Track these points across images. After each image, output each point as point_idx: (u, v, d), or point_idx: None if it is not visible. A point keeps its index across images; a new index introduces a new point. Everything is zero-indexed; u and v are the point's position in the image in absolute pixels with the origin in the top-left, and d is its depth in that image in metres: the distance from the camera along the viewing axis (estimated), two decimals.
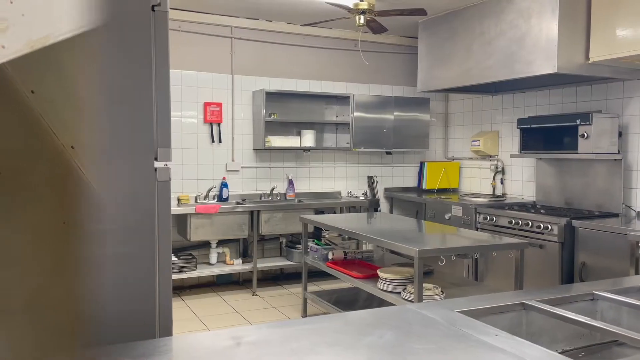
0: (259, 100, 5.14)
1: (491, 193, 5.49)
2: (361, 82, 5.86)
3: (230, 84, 5.24)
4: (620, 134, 4.13)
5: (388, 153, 5.96)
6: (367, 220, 4.07)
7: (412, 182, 6.20)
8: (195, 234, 4.67)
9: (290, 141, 5.36)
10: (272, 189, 5.38)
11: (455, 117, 6.16)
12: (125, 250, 1.51)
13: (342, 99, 5.59)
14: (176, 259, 4.72)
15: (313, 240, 4.29)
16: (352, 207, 5.54)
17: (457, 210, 4.87)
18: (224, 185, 5.12)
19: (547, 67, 3.82)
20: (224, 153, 5.24)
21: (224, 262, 5.05)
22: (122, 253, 1.51)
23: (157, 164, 1.52)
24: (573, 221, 3.82)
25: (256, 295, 4.95)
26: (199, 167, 5.13)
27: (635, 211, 4.08)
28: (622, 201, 4.12)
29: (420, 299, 2.82)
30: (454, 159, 6.15)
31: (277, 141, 5.25)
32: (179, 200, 4.90)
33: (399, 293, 3.08)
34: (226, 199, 5.11)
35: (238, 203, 5.06)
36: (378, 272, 3.26)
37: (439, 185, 5.95)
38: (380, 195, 6.02)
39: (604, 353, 1.78)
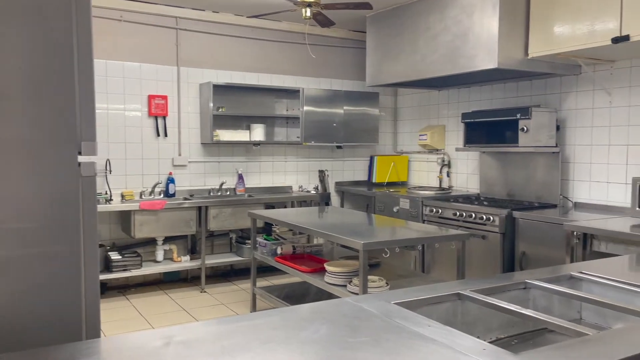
0: (206, 93, 5.04)
1: (438, 186, 5.61)
2: (311, 76, 5.84)
3: (175, 76, 5.11)
4: (558, 128, 4.29)
5: (339, 147, 5.99)
6: (317, 214, 4.07)
7: (362, 176, 6.25)
8: (140, 231, 4.54)
9: (240, 135, 5.28)
10: (222, 184, 5.29)
11: (404, 111, 6.24)
12: (48, 250, 1.44)
13: (292, 93, 5.56)
14: (120, 257, 4.57)
15: (262, 236, 4.25)
16: (303, 202, 5.52)
17: (404, 203, 4.94)
18: (171, 180, 5.00)
19: (488, 62, 3.91)
20: (170, 147, 5.11)
21: (171, 259, 4.94)
22: (44, 252, 1.44)
23: (81, 159, 1.45)
24: (513, 212, 3.95)
25: (205, 292, 4.87)
26: (143, 162, 4.98)
27: (572, 202, 4.26)
28: (560, 192, 4.29)
29: (365, 291, 2.84)
30: (403, 153, 6.24)
31: (225, 135, 5.17)
32: (122, 196, 4.75)
33: (345, 286, 3.10)
34: (173, 195, 4.99)
35: (185, 199, 4.95)
36: (325, 265, 3.27)
37: (388, 179, 6.03)
38: (332, 189, 6.04)
39: (536, 340, 1.84)
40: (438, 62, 4.41)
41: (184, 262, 4.92)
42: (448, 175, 5.55)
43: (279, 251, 3.91)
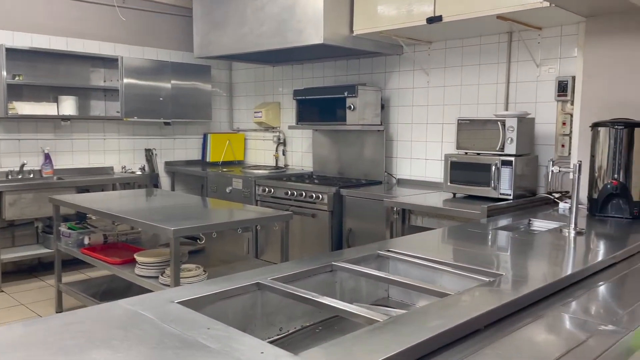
0: None
1: (274, 165, 5.48)
2: (134, 44, 5.26)
3: None
4: (383, 107, 4.39)
5: (167, 124, 5.52)
6: (137, 197, 3.64)
7: (196, 155, 5.87)
8: None
9: (45, 108, 4.55)
10: (22, 165, 4.53)
11: (240, 87, 5.98)
12: None
13: (111, 62, 4.94)
14: None
15: (66, 224, 3.69)
16: (126, 184, 4.99)
17: (237, 184, 4.72)
18: None
19: (315, 37, 3.81)
20: None
21: None
22: None
23: None
24: (341, 190, 3.95)
25: (2, 291, 4.14)
26: None
27: (395, 178, 4.41)
28: (385, 169, 4.41)
29: (177, 283, 2.56)
30: (239, 131, 5.99)
31: (25, 108, 4.41)
32: None
33: (158, 277, 2.78)
34: None
35: None
36: (135, 255, 2.90)
37: (224, 158, 5.74)
38: (161, 169, 5.57)
39: (341, 325, 1.74)
40: (266, 35, 4.20)
41: None
42: (284, 154, 5.45)
43: (86, 241, 3.42)
